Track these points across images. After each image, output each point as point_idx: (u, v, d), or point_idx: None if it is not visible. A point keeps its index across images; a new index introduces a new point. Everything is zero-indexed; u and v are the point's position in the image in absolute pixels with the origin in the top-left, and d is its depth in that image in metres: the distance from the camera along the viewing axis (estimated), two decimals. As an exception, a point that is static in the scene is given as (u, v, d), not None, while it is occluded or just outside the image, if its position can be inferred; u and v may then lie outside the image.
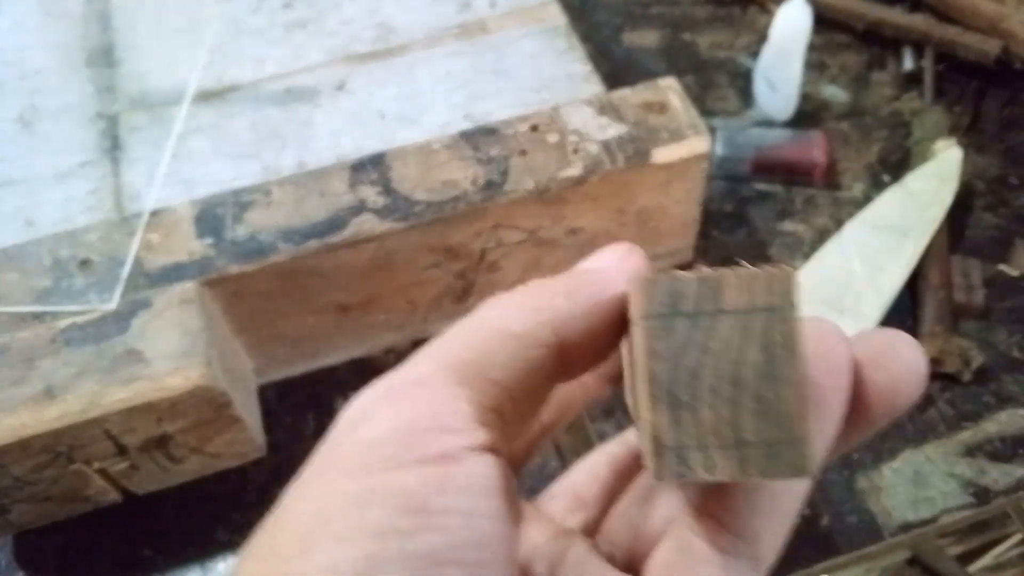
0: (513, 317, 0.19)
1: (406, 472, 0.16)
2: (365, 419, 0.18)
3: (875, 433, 0.19)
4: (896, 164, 0.57)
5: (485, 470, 0.17)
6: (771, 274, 0.16)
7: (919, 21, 0.62)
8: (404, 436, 0.17)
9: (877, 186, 0.56)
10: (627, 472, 0.25)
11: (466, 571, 0.16)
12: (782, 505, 0.19)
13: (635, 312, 0.17)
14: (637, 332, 0.17)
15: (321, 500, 0.16)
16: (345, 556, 0.15)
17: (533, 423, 0.23)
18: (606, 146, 0.45)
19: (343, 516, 0.16)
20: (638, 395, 0.17)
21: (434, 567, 0.15)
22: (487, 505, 0.17)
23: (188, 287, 0.41)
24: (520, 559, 0.22)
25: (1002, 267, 0.52)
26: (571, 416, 0.25)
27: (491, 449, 0.17)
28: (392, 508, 0.16)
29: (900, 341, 0.19)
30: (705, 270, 0.17)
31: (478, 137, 0.45)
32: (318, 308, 0.46)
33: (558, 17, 0.57)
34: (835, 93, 0.61)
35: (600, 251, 0.21)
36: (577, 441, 0.47)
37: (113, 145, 0.52)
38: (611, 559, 0.22)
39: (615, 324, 0.20)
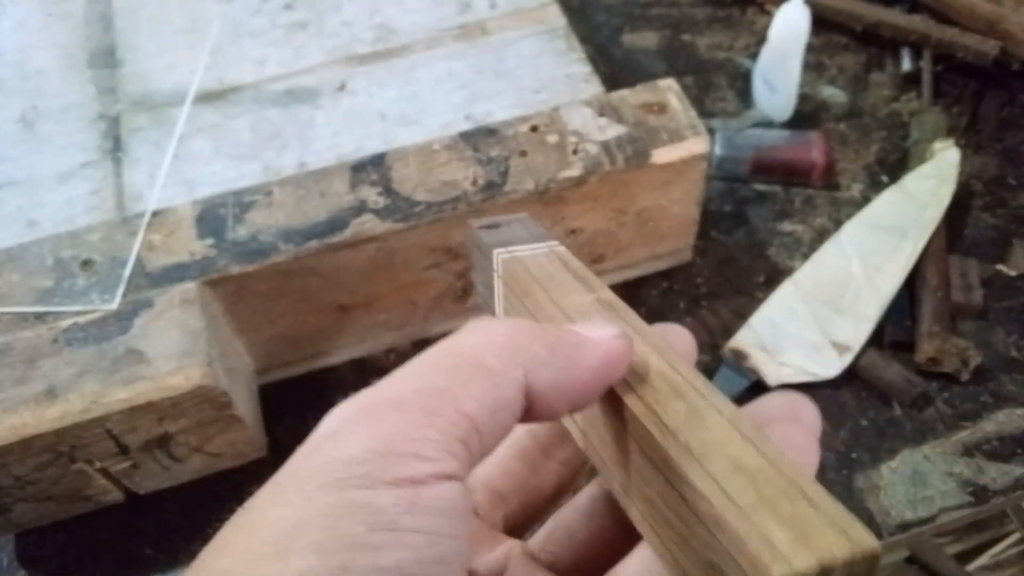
0: (492, 352, 0.20)
1: (379, 491, 0.18)
2: (342, 434, 0.19)
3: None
4: (894, 164, 0.57)
5: (450, 495, 0.18)
6: None
7: (917, 22, 0.62)
8: (379, 457, 0.18)
9: (875, 186, 0.56)
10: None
11: None
12: None
13: None
14: None
15: (298, 509, 0.18)
16: (321, 565, 0.16)
17: (540, 493, 0.26)
18: (606, 147, 0.45)
19: (320, 527, 0.17)
20: None
21: None
22: (450, 526, 0.18)
23: (189, 287, 0.41)
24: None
25: (1000, 267, 0.52)
26: (575, 484, 0.27)
27: (454, 477, 0.19)
28: (366, 523, 0.17)
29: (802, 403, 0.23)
30: None
31: (478, 138, 0.45)
32: (318, 308, 0.46)
33: (558, 18, 0.57)
34: (834, 94, 0.61)
35: (598, 323, 0.22)
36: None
37: (115, 146, 0.52)
38: (552, 566, 0.24)
39: (580, 391, 0.21)
